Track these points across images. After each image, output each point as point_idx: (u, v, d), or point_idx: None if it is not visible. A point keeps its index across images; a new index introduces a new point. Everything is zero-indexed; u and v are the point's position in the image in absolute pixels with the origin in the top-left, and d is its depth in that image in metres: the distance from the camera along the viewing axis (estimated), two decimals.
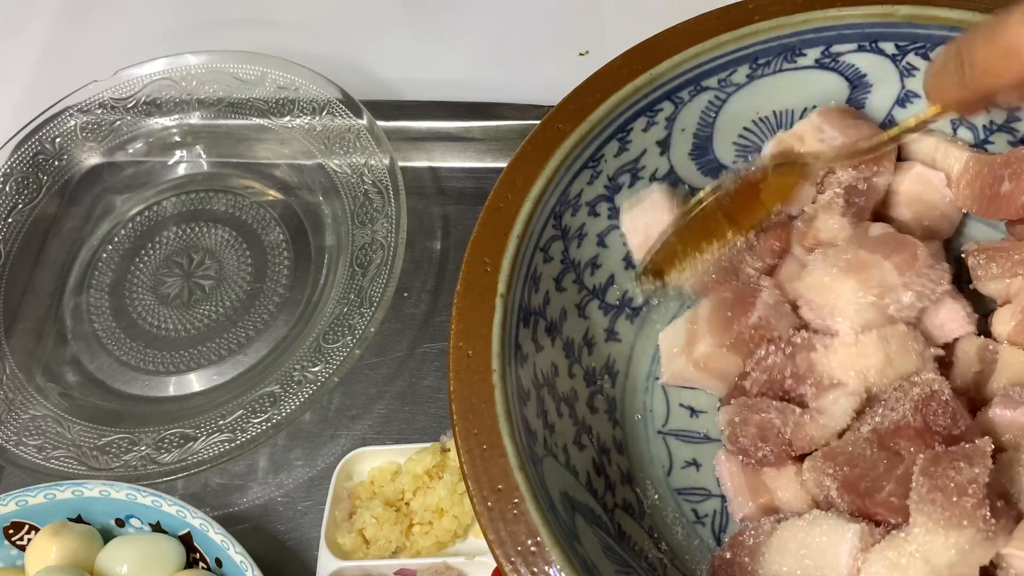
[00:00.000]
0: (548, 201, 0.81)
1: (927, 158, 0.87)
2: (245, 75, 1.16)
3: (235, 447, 0.93)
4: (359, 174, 1.08)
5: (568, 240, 0.84)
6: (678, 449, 0.86)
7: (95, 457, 0.95)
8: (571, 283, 0.85)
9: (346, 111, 1.10)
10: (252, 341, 1.05)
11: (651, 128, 0.87)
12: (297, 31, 1.31)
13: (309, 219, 1.12)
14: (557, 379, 0.80)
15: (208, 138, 1.19)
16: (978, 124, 0.87)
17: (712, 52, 0.85)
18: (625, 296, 0.89)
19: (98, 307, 1.09)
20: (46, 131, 1.15)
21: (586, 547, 0.70)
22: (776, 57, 0.87)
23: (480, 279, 0.75)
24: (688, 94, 0.87)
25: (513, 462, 0.68)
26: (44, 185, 1.14)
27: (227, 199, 1.15)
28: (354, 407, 1.02)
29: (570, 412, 0.80)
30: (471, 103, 1.16)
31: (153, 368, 1.05)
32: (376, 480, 0.94)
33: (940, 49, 0.75)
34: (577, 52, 1.23)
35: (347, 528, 0.91)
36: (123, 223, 1.15)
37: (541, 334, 0.79)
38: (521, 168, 0.80)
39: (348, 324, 0.98)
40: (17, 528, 0.90)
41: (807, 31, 0.86)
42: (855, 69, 0.88)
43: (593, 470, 0.80)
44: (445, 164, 1.16)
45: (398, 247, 1.00)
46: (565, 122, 0.82)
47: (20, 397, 1.01)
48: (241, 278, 1.09)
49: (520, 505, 0.66)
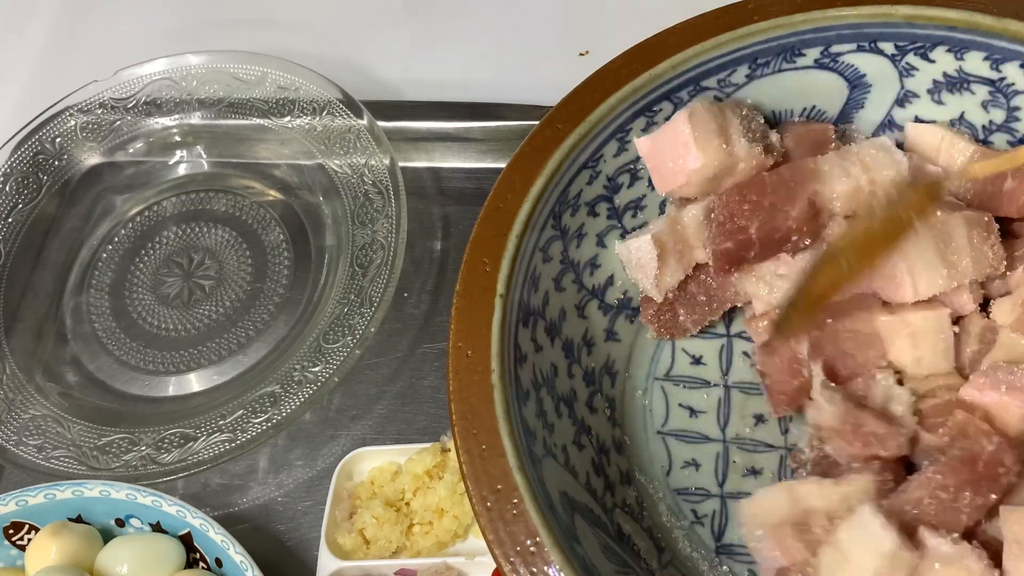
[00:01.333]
0: (547, 201, 0.81)
1: (931, 148, 0.87)
2: (245, 75, 1.16)
3: (235, 447, 0.93)
4: (359, 174, 1.08)
5: (567, 240, 0.84)
6: (677, 449, 0.86)
7: (95, 457, 0.95)
8: (570, 283, 0.85)
9: (346, 111, 1.10)
10: (252, 341, 1.05)
11: (651, 128, 0.87)
12: (297, 31, 1.31)
13: (309, 219, 1.12)
14: (556, 379, 0.80)
15: (208, 138, 1.19)
16: (977, 123, 0.87)
17: (712, 52, 0.85)
18: (625, 296, 0.89)
19: (98, 307, 1.09)
20: (46, 131, 1.15)
21: (585, 547, 0.70)
22: (775, 57, 0.87)
23: (479, 279, 0.75)
24: (688, 94, 0.87)
25: (512, 462, 0.68)
26: (44, 185, 1.14)
27: (227, 199, 1.15)
28: (354, 407, 1.02)
29: (569, 412, 0.81)
30: (471, 103, 1.16)
31: (153, 368, 1.05)
32: (376, 480, 0.94)
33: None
34: (577, 52, 1.23)
35: (347, 528, 0.91)
36: (123, 223, 1.15)
37: (540, 334, 0.79)
38: (521, 168, 0.81)
39: (348, 324, 0.98)
40: (17, 528, 0.90)
41: (806, 31, 0.86)
42: (854, 69, 0.88)
43: (592, 470, 0.80)
44: (445, 164, 1.16)
45: (398, 247, 1.00)
46: (565, 122, 0.82)
47: (20, 397, 1.01)
48: (241, 278, 1.09)
49: (519, 505, 0.66)
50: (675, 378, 0.89)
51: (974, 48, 0.84)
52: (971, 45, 0.84)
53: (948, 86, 0.87)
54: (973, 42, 0.84)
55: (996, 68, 0.84)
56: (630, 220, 0.89)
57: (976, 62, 0.85)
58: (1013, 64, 0.83)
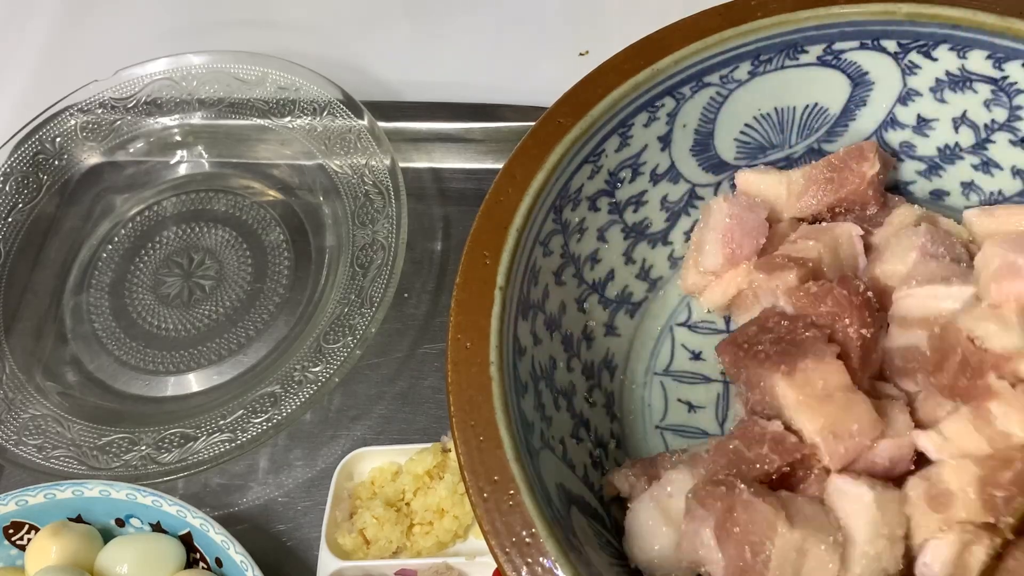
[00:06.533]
0: (548, 195, 0.80)
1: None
2: (246, 75, 1.16)
3: (235, 447, 0.93)
4: (360, 175, 1.08)
5: (568, 234, 0.84)
6: (676, 444, 0.86)
7: (95, 457, 0.95)
8: (571, 277, 0.85)
9: (347, 112, 1.10)
10: (252, 341, 1.05)
11: (652, 124, 0.86)
12: (298, 31, 1.32)
13: (310, 219, 1.12)
14: (555, 372, 0.80)
15: (209, 138, 1.19)
16: (979, 122, 0.87)
17: (714, 48, 0.85)
18: (625, 290, 0.89)
19: (98, 307, 1.09)
20: (46, 131, 1.15)
21: (581, 539, 0.70)
22: (778, 54, 0.87)
23: (479, 272, 0.75)
24: (690, 90, 0.87)
25: (510, 454, 0.68)
26: (44, 185, 1.14)
27: (227, 199, 1.15)
28: (355, 407, 1.01)
29: (568, 406, 0.80)
30: (472, 104, 1.16)
31: (153, 368, 1.05)
32: (376, 480, 0.94)
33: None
34: (577, 52, 1.23)
35: (348, 528, 0.91)
36: (123, 223, 1.15)
37: (540, 327, 0.79)
38: (522, 162, 0.80)
39: (349, 324, 0.98)
40: (17, 528, 0.90)
41: (809, 28, 0.86)
42: (857, 67, 0.88)
43: (590, 464, 0.80)
44: (446, 165, 1.16)
45: (399, 248, 1.00)
46: (566, 117, 0.82)
47: (20, 397, 1.01)
48: (241, 278, 1.09)
49: (516, 497, 0.66)
50: (674, 373, 0.89)
51: (977, 46, 0.84)
52: (974, 43, 0.84)
53: (950, 84, 0.87)
54: (976, 40, 0.84)
55: (999, 67, 0.84)
56: (631, 215, 0.89)
57: (979, 60, 0.85)
58: (1016, 63, 0.83)
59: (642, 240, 0.91)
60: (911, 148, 0.91)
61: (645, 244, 0.91)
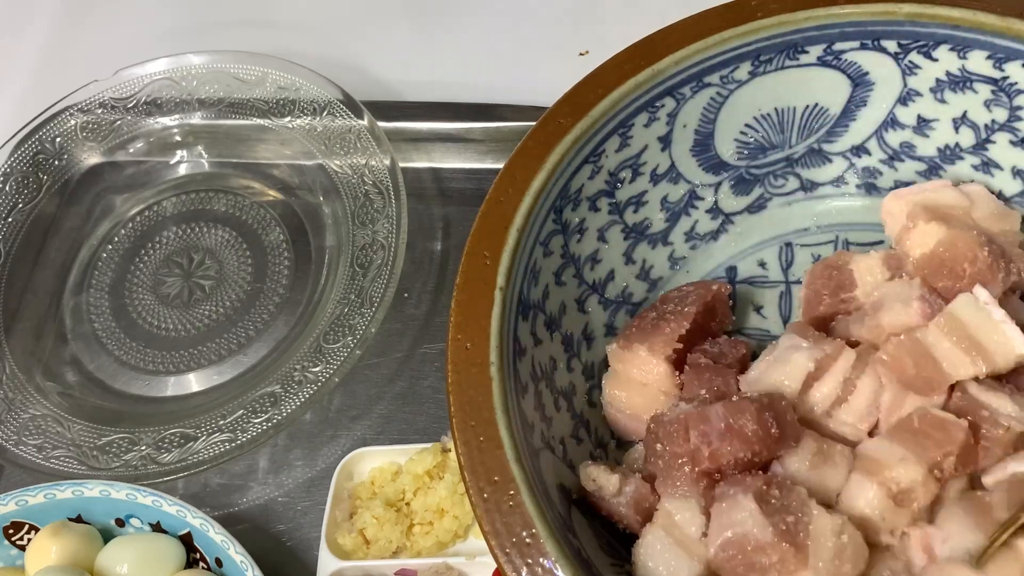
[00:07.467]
0: (548, 195, 0.80)
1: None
2: (246, 75, 1.16)
3: (235, 447, 0.93)
4: (360, 175, 1.08)
5: (568, 234, 0.84)
6: None
7: (95, 457, 0.95)
8: (571, 277, 0.85)
9: (347, 112, 1.10)
10: (252, 341, 1.05)
11: (653, 124, 0.86)
12: (297, 31, 1.32)
13: (310, 219, 1.12)
14: (555, 373, 0.80)
15: (208, 138, 1.19)
16: (980, 122, 0.87)
17: (715, 48, 0.85)
18: (625, 291, 0.89)
19: (98, 307, 1.09)
20: (46, 131, 1.15)
21: (581, 540, 0.70)
22: (779, 54, 0.87)
23: (479, 272, 0.75)
24: (690, 90, 0.87)
25: (510, 454, 0.68)
26: (44, 185, 1.14)
27: (227, 199, 1.15)
28: (354, 407, 1.01)
29: (568, 406, 0.81)
30: (472, 104, 1.16)
31: (153, 368, 1.05)
32: (376, 480, 0.94)
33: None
34: (577, 52, 1.23)
35: (348, 528, 0.91)
36: (123, 223, 1.15)
37: (540, 328, 0.79)
38: (522, 162, 0.80)
39: (348, 324, 0.98)
40: (17, 528, 0.90)
41: (809, 28, 0.86)
42: (857, 67, 0.88)
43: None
44: (446, 165, 1.16)
45: (399, 248, 1.00)
46: (566, 117, 0.82)
47: (20, 397, 1.01)
48: (241, 278, 1.09)
49: (516, 497, 0.66)
50: None
51: (977, 47, 0.84)
52: (974, 44, 0.84)
53: (951, 85, 0.87)
54: (976, 41, 0.84)
55: (999, 67, 0.84)
56: (631, 215, 0.89)
57: (979, 61, 0.85)
58: (1016, 63, 0.83)
59: (642, 240, 0.90)
60: (911, 148, 0.91)
61: (645, 244, 0.91)
